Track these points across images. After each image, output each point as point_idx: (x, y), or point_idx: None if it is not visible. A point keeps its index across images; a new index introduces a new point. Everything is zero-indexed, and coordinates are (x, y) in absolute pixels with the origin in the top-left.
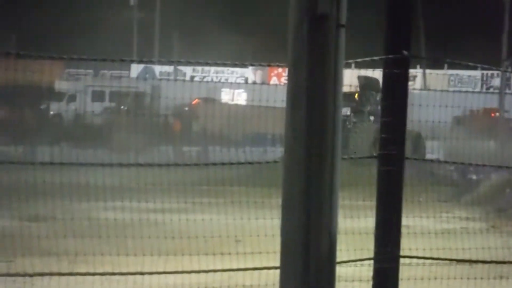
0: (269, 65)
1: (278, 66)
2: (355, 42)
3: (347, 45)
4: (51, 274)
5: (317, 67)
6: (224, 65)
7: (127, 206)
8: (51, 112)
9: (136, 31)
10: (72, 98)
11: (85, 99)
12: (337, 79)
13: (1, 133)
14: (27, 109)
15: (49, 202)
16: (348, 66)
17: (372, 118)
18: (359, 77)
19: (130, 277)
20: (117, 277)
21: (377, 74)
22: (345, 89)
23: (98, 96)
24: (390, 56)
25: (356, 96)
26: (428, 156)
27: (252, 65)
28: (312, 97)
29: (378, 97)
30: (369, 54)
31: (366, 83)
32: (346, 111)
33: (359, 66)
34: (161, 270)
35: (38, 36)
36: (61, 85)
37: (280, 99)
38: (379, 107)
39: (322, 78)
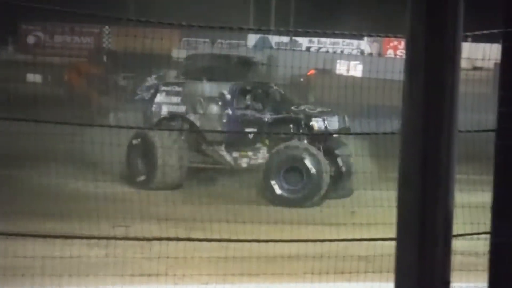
0: (387, 36)
1: (396, 37)
2: (472, 14)
3: (465, 17)
4: (169, 239)
5: (435, 40)
6: (341, 35)
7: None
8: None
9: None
10: None
11: None
12: (455, 52)
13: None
14: (145, 76)
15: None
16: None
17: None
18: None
19: (246, 245)
20: (233, 244)
21: (494, 48)
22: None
23: None
24: (510, 29)
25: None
26: None
27: (370, 35)
28: (430, 69)
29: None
30: (486, 27)
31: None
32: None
33: (476, 39)
34: (277, 238)
35: (154, 3)
36: (178, 53)
37: (397, 71)
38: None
39: (440, 50)
